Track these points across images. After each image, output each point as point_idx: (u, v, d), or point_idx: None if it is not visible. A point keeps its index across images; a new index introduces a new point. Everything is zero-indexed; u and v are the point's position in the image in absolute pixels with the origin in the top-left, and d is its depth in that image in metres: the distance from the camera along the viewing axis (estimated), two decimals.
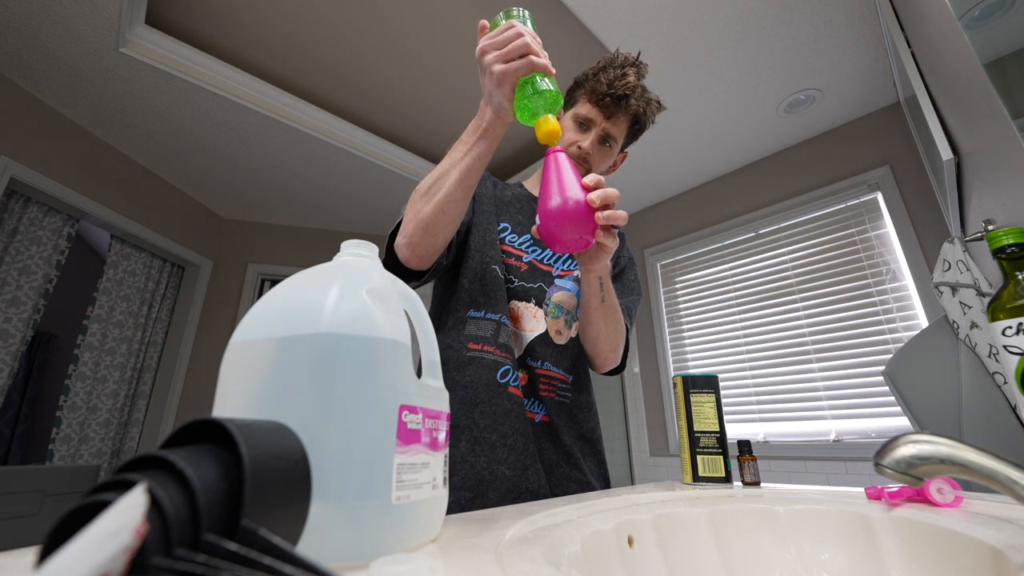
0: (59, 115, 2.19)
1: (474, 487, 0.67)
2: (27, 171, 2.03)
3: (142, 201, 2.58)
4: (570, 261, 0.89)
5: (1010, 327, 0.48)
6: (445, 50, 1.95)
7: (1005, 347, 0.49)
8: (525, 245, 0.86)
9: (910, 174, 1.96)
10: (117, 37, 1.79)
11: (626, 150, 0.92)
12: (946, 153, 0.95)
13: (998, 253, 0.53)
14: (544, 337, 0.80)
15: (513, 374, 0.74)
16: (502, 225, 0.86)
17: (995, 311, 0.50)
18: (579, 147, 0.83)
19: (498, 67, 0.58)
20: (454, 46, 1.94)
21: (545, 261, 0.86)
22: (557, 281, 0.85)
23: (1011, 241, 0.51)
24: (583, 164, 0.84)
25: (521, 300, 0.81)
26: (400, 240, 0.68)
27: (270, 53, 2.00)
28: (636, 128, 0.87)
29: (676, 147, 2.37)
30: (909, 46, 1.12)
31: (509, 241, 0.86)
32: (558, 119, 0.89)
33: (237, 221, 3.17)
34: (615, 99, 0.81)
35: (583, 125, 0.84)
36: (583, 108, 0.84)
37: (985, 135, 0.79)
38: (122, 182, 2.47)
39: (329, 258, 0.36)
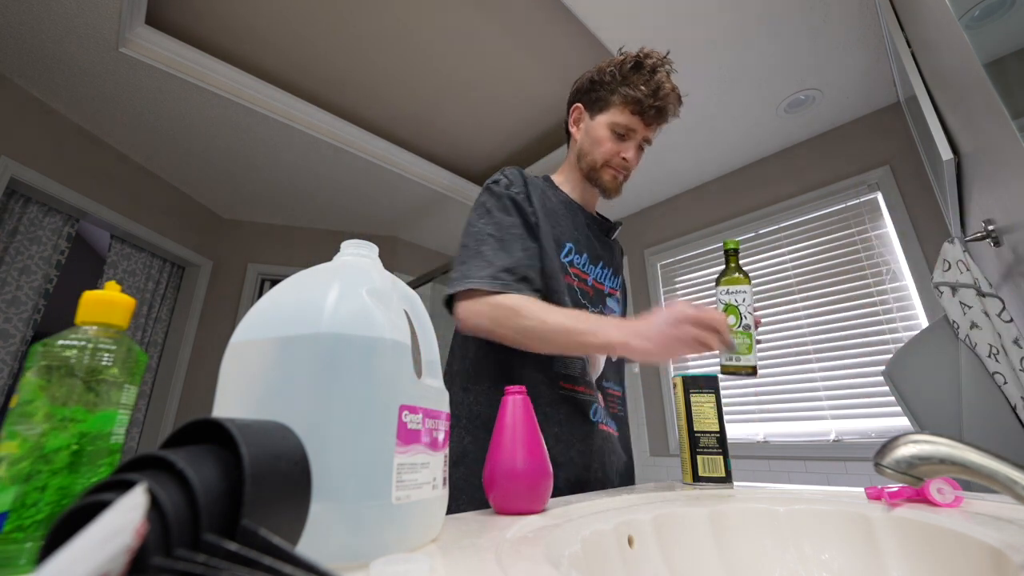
0: (59, 115, 2.18)
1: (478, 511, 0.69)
2: (27, 171, 2.02)
3: (142, 201, 2.58)
4: (615, 278, 0.90)
5: (724, 291, 0.71)
6: (447, 49, 1.95)
7: (720, 299, 0.70)
8: (585, 265, 0.83)
9: (910, 174, 1.96)
10: (117, 37, 1.79)
11: None
12: (946, 153, 0.95)
13: (728, 253, 0.74)
14: (608, 358, 0.83)
15: (600, 410, 0.76)
16: (567, 247, 0.80)
17: (717, 283, 0.72)
18: (624, 159, 0.81)
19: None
20: (456, 46, 1.94)
21: (599, 280, 0.86)
22: (608, 301, 0.86)
23: (732, 247, 0.73)
24: (623, 172, 0.83)
25: None
26: (478, 311, 0.68)
27: (270, 53, 2.00)
28: (663, 124, 0.85)
29: (676, 147, 2.37)
30: (909, 46, 1.12)
31: (577, 264, 0.81)
32: (577, 125, 0.89)
33: (237, 221, 3.17)
34: (659, 111, 0.78)
35: (622, 136, 0.80)
36: (622, 117, 0.79)
37: (985, 135, 0.78)
38: (122, 182, 2.47)
39: (329, 258, 0.36)
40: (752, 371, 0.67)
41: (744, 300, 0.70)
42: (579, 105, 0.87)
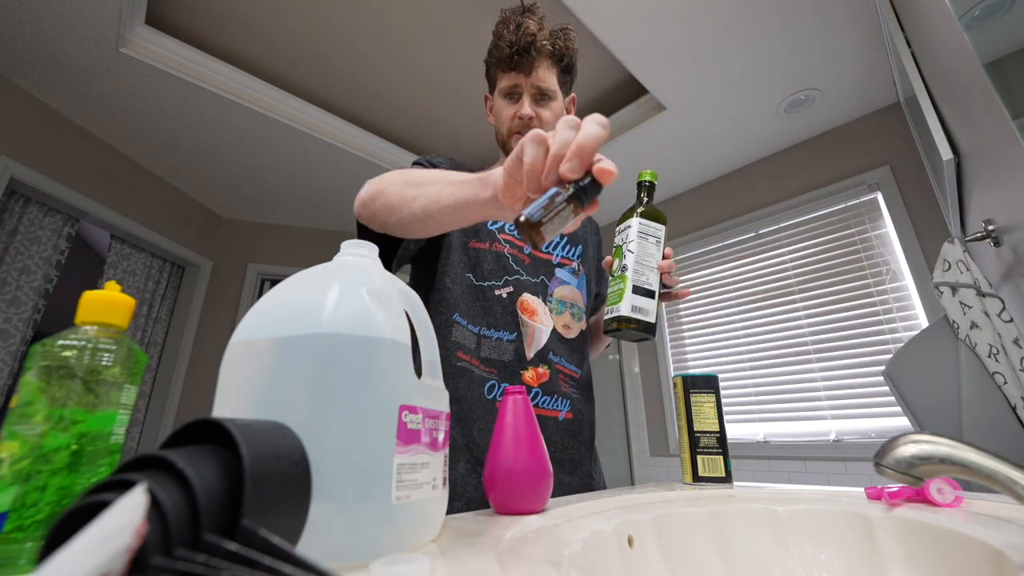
0: (59, 115, 2.18)
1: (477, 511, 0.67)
2: (27, 171, 2.02)
3: (142, 201, 2.58)
4: (569, 247, 0.85)
5: (617, 231, 0.63)
6: (445, 49, 1.95)
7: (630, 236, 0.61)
8: None
9: (910, 174, 1.96)
10: (117, 37, 1.79)
11: (572, 93, 0.88)
12: (946, 153, 0.95)
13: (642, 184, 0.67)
14: (555, 332, 0.78)
15: (500, 388, 0.72)
16: None
17: (622, 219, 0.64)
18: (519, 117, 0.79)
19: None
20: (454, 45, 1.94)
21: (545, 249, 0.82)
22: (557, 272, 0.82)
23: (648, 179, 0.66)
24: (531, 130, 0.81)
25: (531, 293, 0.78)
26: (362, 194, 0.62)
27: (270, 53, 2.00)
28: (565, 66, 0.82)
29: (676, 147, 2.37)
30: (909, 46, 1.12)
31: (509, 230, 0.81)
32: (491, 113, 0.88)
33: (237, 221, 3.17)
34: (523, 51, 0.76)
35: (512, 96, 0.80)
36: (504, 80, 0.80)
37: (985, 135, 0.79)
38: (122, 182, 2.47)
39: (329, 258, 0.36)
40: (620, 325, 0.50)
41: (628, 237, 0.58)
42: (486, 95, 0.89)
